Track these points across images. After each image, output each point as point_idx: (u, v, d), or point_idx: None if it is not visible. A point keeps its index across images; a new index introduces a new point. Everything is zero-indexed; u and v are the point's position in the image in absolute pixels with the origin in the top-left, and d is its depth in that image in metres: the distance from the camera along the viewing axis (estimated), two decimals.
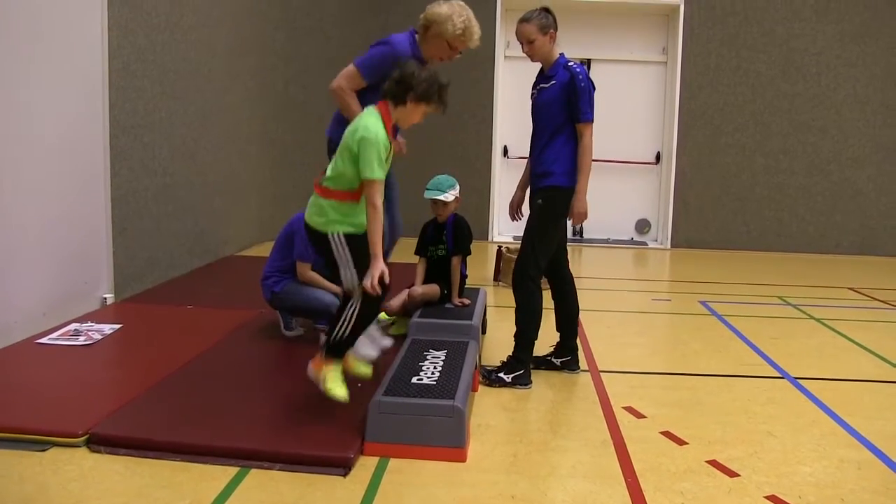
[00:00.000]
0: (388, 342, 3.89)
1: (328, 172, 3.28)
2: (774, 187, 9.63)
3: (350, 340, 3.32)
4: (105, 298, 5.19)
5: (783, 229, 9.67)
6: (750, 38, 9.44)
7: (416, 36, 3.88)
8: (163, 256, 6.01)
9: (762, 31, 9.43)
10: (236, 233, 7.74)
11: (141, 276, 5.67)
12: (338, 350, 3.31)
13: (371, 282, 3.13)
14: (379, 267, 3.14)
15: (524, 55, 4.07)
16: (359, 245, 3.22)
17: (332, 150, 3.80)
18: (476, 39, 3.84)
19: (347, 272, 3.25)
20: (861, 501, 2.89)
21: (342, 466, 2.94)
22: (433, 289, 4.64)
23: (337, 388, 3.26)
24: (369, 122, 3.18)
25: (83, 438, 3.06)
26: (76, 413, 3.24)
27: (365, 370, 3.42)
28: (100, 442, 3.04)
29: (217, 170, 7.06)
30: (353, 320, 3.26)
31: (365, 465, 3.02)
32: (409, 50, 3.75)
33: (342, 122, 3.79)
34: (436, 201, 4.59)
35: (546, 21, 3.96)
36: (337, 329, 3.28)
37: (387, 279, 3.19)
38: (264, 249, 6.66)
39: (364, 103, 3.63)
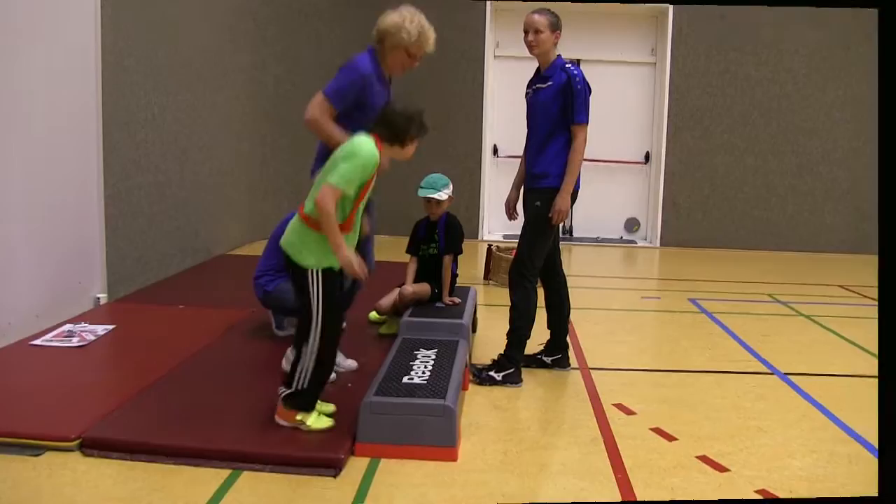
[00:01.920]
0: (351, 364, 3.88)
1: (311, 198, 3.10)
2: (763, 187, 9.66)
3: (316, 383, 3.18)
4: (98, 298, 5.19)
5: (772, 228, 9.70)
6: (738, 39, 9.47)
7: (375, 53, 3.68)
8: (155, 255, 6.00)
9: (750, 33, 9.46)
10: (228, 232, 7.73)
11: (133, 276, 5.66)
12: (307, 398, 3.18)
13: (353, 268, 3.03)
14: (352, 258, 3.03)
15: (513, 55, 4.09)
16: (334, 282, 3.14)
17: None
18: (432, 43, 3.65)
19: (315, 307, 3.12)
20: (852, 495, 2.91)
21: (333, 467, 2.95)
22: (424, 288, 4.65)
23: (322, 423, 3.20)
24: (364, 145, 3.09)
25: (76, 443, 3.05)
26: (70, 417, 3.23)
27: (326, 408, 3.31)
28: (93, 446, 3.04)
29: (209, 168, 7.06)
30: (315, 353, 3.13)
31: (356, 466, 3.03)
32: (372, 69, 3.59)
33: (326, 156, 3.55)
34: (429, 200, 4.60)
35: (556, 20, 4.03)
36: (298, 373, 3.16)
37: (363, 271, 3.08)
38: (256, 248, 6.66)
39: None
